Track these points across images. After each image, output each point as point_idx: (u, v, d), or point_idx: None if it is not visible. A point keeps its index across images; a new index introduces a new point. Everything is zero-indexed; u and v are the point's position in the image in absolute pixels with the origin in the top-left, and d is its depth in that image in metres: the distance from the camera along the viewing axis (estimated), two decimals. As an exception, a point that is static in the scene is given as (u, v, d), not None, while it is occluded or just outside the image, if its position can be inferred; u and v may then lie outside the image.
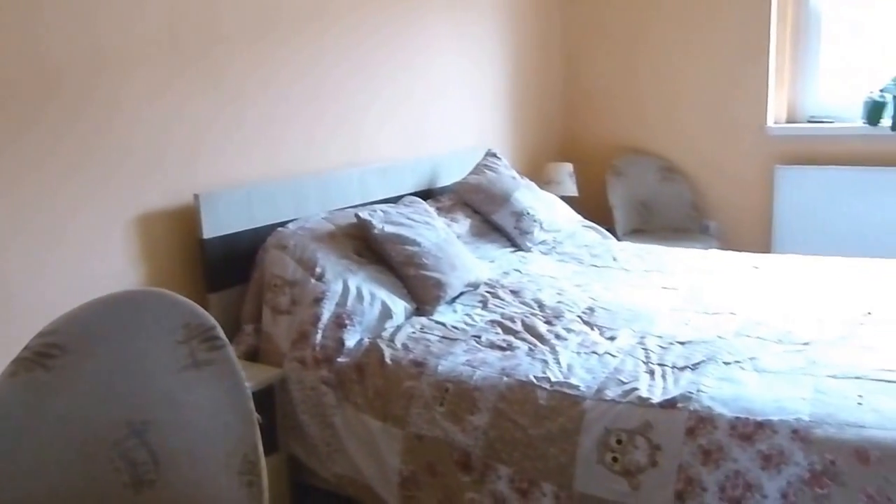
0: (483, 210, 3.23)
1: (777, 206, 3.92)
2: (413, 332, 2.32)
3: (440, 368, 2.09)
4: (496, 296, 2.63)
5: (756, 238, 4.02)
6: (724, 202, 4.17)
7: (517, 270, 2.94)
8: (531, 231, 3.22)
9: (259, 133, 2.64)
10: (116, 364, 1.49)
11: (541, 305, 2.52)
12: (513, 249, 3.18)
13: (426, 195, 3.22)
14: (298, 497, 2.34)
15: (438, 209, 3.06)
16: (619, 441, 1.77)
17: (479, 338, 2.26)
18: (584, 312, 2.44)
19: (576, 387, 1.91)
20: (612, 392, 1.87)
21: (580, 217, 3.62)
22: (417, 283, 2.51)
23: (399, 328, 2.35)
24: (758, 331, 2.19)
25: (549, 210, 3.40)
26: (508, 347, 2.19)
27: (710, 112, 4.12)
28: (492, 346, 2.20)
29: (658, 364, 2.00)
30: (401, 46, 3.27)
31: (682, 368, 1.96)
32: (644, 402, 1.80)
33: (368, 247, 2.59)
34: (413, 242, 2.56)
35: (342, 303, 2.34)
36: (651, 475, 1.72)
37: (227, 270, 2.46)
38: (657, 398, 1.81)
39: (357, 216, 2.60)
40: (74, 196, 2.11)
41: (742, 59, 3.96)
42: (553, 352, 2.13)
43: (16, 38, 1.94)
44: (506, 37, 3.99)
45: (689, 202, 4.20)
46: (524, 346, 2.18)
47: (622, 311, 2.43)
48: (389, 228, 2.57)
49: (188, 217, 2.38)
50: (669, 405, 1.78)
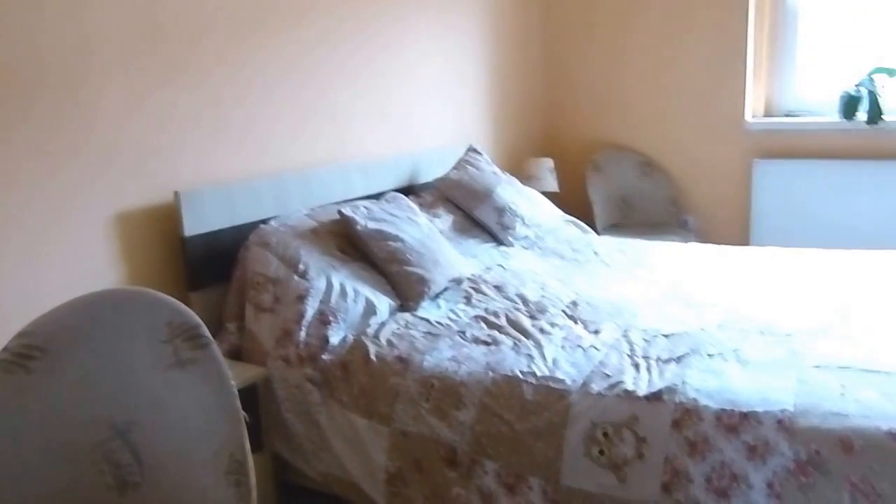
0: (465, 206, 3.23)
1: (755, 200, 3.96)
2: (397, 329, 2.31)
3: (425, 364, 2.08)
4: (479, 291, 2.63)
5: (734, 232, 4.06)
6: (703, 196, 4.20)
7: (500, 266, 2.94)
8: (513, 226, 3.22)
9: (240, 130, 2.62)
10: (98, 364, 1.47)
11: (524, 300, 2.52)
12: (495, 245, 3.18)
13: (408, 191, 3.21)
14: (284, 497, 2.32)
15: (420, 205, 3.05)
16: (606, 434, 1.78)
17: (464, 333, 2.26)
18: (568, 307, 2.45)
19: (561, 381, 1.92)
20: (598, 385, 1.87)
21: (561, 212, 3.63)
22: (401, 280, 2.50)
23: (383, 325, 2.34)
24: (740, 323, 2.21)
25: (531, 205, 3.41)
26: (493, 342, 2.18)
27: (689, 107, 4.15)
28: (476, 342, 2.20)
29: (643, 357, 2.01)
30: (383, 44, 3.26)
31: (667, 361, 1.97)
32: (630, 395, 1.81)
33: (351, 243, 2.57)
34: (396, 239, 2.55)
35: (326, 300, 2.33)
36: (637, 468, 1.72)
37: (209, 268, 2.44)
38: (643, 391, 1.82)
39: (340, 213, 2.58)
40: (54, 195, 2.07)
41: (720, 56, 3.99)
42: (538, 346, 2.13)
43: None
44: (487, 33, 3.99)
45: (668, 197, 4.23)
46: (509, 341, 2.18)
47: (605, 305, 2.44)
48: (372, 225, 2.56)
49: (169, 215, 2.35)
50: (655, 398, 1.79)
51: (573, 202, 4.16)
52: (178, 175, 2.40)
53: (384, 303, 2.43)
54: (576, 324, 2.30)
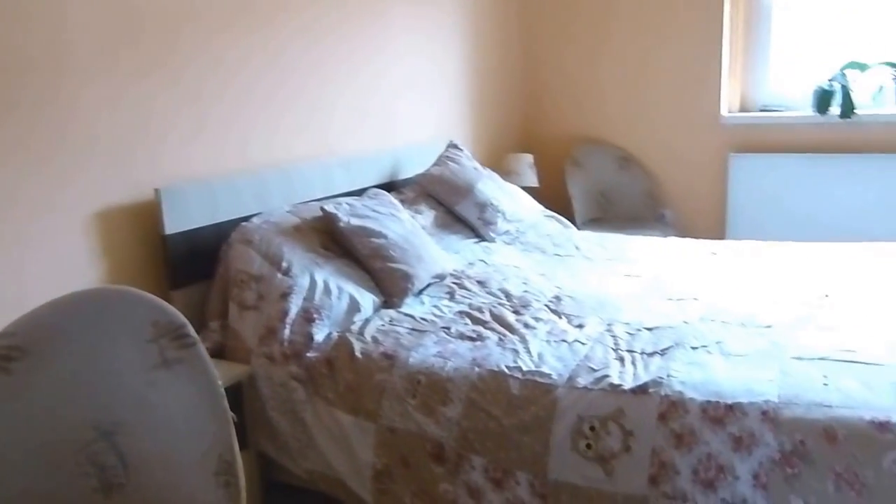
0: (447, 201, 3.22)
1: (731, 194, 4.01)
2: (382, 325, 2.30)
3: (411, 361, 2.08)
4: (463, 287, 2.63)
5: (711, 225, 4.11)
6: (680, 190, 4.24)
7: (482, 261, 2.94)
8: (495, 222, 3.23)
9: (221, 126, 2.59)
10: (81, 365, 1.44)
11: (508, 295, 2.53)
12: (477, 240, 3.18)
13: (389, 187, 3.20)
14: (270, 495, 2.31)
15: (402, 201, 3.04)
16: (592, 428, 1.79)
17: (449, 329, 2.26)
18: (551, 301, 2.46)
19: (547, 375, 1.92)
20: (584, 379, 1.88)
21: (541, 207, 3.65)
22: (385, 276, 2.49)
23: (368, 321, 2.33)
24: (721, 315, 2.23)
25: (512, 200, 3.42)
26: (478, 338, 2.18)
27: (666, 102, 4.18)
28: (462, 337, 2.20)
29: (627, 350, 2.03)
30: (362, 41, 3.24)
31: (651, 354, 1.99)
32: (616, 389, 1.82)
33: (334, 240, 2.56)
34: (379, 235, 2.54)
35: (310, 297, 2.31)
36: (624, 461, 1.74)
37: (191, 266, 2.41)
38: (628, 384, 1.83)
39: (322, 209, 2.56)
40: (32, 193, 2.03)
41: (696, 51, 4.03)
42: (523, 341, 2.14)
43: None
44: (465, 29, 3.98)
45: (646, 191, 4.27)
46: (494, 336, 2.19)
47: (588, 300, 2.45)
48: (355, 221, 2.55)
49: (150, 212, 2.32)
50: (641, 391, 1.80)
51: (553, 197, 4.17)
52: (159, 172, 2.37)
53: (368, 299, 2.42)
54: (560, 318, 2.31)
